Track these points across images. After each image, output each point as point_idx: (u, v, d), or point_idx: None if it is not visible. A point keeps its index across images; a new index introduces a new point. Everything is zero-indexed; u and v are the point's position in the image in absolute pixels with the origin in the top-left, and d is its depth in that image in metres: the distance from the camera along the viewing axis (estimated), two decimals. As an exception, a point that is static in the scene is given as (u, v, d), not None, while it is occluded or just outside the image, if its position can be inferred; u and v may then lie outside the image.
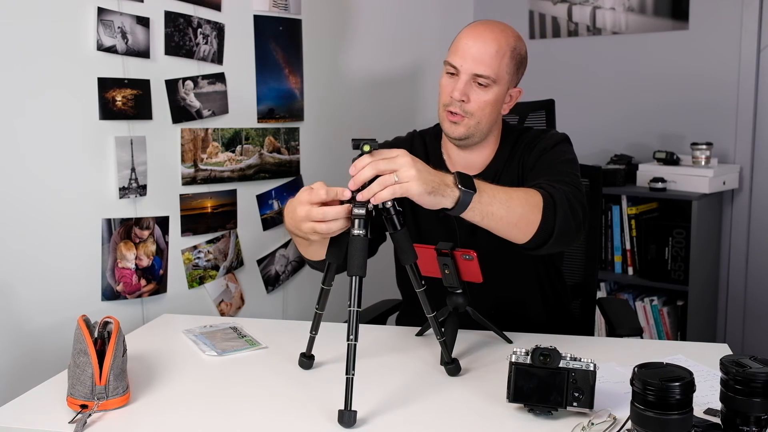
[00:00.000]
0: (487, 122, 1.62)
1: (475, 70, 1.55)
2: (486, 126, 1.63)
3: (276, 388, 1.43)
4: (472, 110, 1.58)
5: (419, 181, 1.25)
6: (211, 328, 1.76)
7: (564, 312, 1.88)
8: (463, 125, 1.60)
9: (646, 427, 1.05)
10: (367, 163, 1.26)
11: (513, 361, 1.26)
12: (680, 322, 2.85)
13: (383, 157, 1.26)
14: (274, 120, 2.34)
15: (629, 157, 2.99)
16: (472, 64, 1.55)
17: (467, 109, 1.58)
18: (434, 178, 1.29)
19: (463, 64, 1.56)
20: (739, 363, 1.08)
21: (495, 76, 1.57)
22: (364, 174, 1.25)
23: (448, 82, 1.60)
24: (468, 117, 1.59)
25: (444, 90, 1.61)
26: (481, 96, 1.57)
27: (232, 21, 2.17)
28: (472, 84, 1.57)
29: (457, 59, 1.57)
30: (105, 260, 1.90)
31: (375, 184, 1.25)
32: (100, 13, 1.82)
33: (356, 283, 1.28)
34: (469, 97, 1.57)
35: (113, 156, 1.89)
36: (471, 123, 1.60)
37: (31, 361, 1.75)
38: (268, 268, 2.39)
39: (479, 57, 1.55)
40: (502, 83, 1.59)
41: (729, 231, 2.95)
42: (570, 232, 1.45)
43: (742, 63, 2.83)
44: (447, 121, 1.62)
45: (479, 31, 1.59)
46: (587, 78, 3.16)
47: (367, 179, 1.26)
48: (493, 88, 1.58)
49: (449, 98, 1.58)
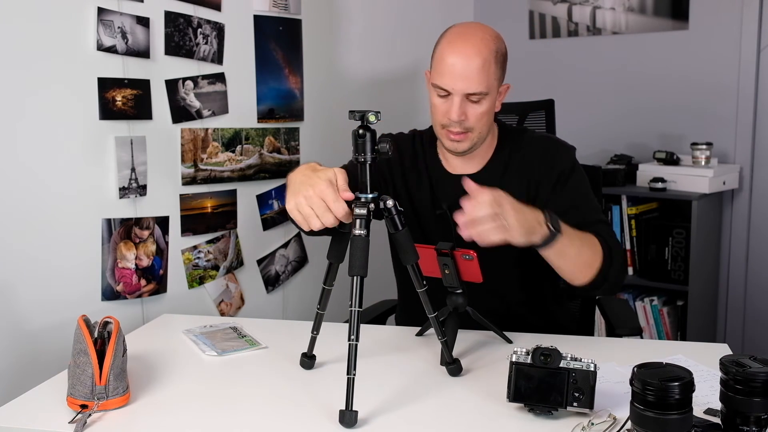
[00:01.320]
0: (487, 129, 1.64)
1: (467, 89, 1.55)
2: (486, 133, 1.65)
3: (276, 388, 1.43)
4: (471, 125, 1.59)
5: (520, 229, 1.35)
6: (211, 328, 1.76)
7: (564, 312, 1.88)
8: (466, 141, 1.61)
9: (645, 427, 1.05)
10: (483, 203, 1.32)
11: (513, 361, 1.26)
12: (680, 322, 2.85)
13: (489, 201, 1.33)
14: (274, 120, 2.34)
15: (629, 157, 2.99)
16: (462, 84, 1.54)
17: (467, 125, 1.59)
18: (530, 219, 1.39)
19: (453, 86, 1.55)
20: (738, 363, 1.08)
21: (486, 89, 1.56)
22: (480, 212, 1.32)
23: (440, 103, 1.60)
24: (470, 132, 1.60)
25: (438, 111, 1.61)
26: (477, 109, 1.58)
27: (232, 21, 2.17)
28: (466, 101, 1.57)
29: (446, 81, 1.56)
30: (105, 260, 1.90)
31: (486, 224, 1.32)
32: (100, 13, 1.82)
33: (357, 283, 1.28)
34: (467, 115, 1.58)
35: (113, 156, 1.89)
36: (473, 136, 1.61)
37: (31, 361, 1.75)
38: (268, 268, 2.39)
39: (467, 75, 1.54)
40: (494, 90, 1.60)
41: (729, 231, 2.95)
42: (619, 282, 1.58)
43: (742, 63, 2.83)
44: (448, 140, 1.62)
45: (460, 47, 1.56)
46: (587, 78, 3.16)
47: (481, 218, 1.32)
48: (486, 99, 1.58)
49: (447, 119, 1.59)
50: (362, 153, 1.33)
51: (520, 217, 1.36)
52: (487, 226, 1.32)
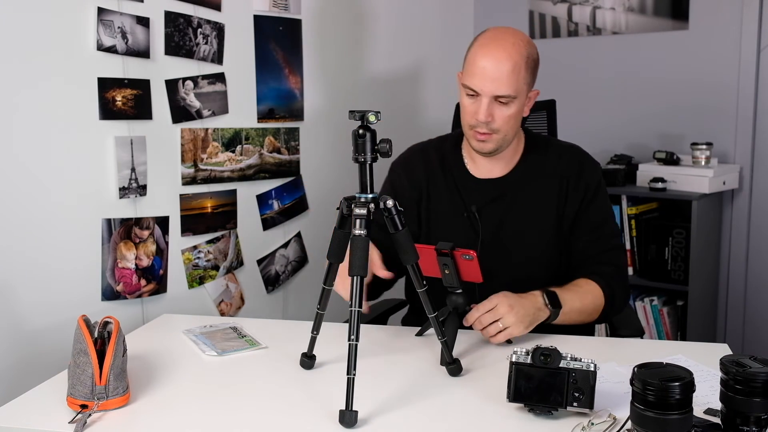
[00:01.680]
0: (513, 133, 1.69)
1: (496, 91, 1.59)
2: (512, 136, 1.69)
3: (276, 388, 1.43)
4: (498, 127, 1.63)
5: (520, 325, 1.54)
6: (211, 328, 1.76)
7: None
8: (492, 141, 1.66)
9: (646, 427, 1.05)
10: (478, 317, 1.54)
11: (513, 361, 1.26)
12: (680, 322, 2.85)
13: (487, 311, 1.53)
14: (274, 120, 2.34)
15: (629, 157, 2.99)
16: (491, 86, 1.59)
17: (493, 126, 1.63)
18: (528, 312, 1.55)
19: (483, 88, 1.59)
20: (739, 363, 1.08)
21: (515, 93, 1.60)
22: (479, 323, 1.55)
23: (469, 104, 1.64)
24: (495, 133, 1.64)
25: (467, 111, 1.65)
26: (504, 112, 1.62)
27: (232, 21, 2.17)
28: (494, 103, 1.61)
29: (476, 83, 1.60)
30: (105, 260, 1.90)
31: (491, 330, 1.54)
32: (100, 13, 1.82)
33: (357, 282, 1.28)
34: (494, 116, 1.62)
35: (113, 156, 1.89)
36: (499, 138, 1.66)
37: (31, 361, 1.75)
38: (268, 268, 2.39)
39: (497, 78, 1.58)
40: (522, 95, 1.63)
41: (729, 231, 2.95)
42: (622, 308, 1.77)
43: (742, 63, 2.83)
44: (475, 140, 1.67)
45: (492, 50, 1.60)
46: (587, 78, 3.16)
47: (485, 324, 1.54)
48: (514, 103, 1.62)
49: (474, 120, 1.63)
50: (362, 153, 1.34)
51: (520, 315, 1.53)
52: (491, 330, 1.54)
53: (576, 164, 1.75)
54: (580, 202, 1.72)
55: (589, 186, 1.73)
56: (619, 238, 1.80)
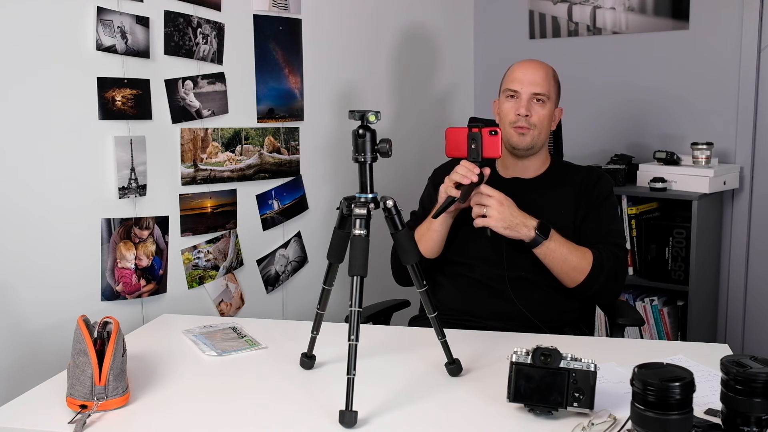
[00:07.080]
0: (546, 134, 1.95)
1: (533, 89, 1.89)
2: (545, 137, 1.95)
3: (276, 388, 1.43)
4: (535, 122, 1.89)
5: (500, 222, 1.73)
6: (210, 328, 1.76)
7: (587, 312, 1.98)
8: (529, 135, 1.90)
9: (646, 427, 1.05)
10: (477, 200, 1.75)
11: (513, 361, 1.26)
12: (680, 322, 2.84)
13: (482, 192, 1.74)
14: (274, 120, 2.34)
15: (629, 157, 2.98)
16: (529, 86, 1.89)
17: (531, 122, 1.89)
18: (514, 217, 1.74)
19: (522, 87, 1.89)
20: (739, 363, 1.08)
21: (548, 93, 1.90)
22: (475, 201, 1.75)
23: (510, 105, 1.91)
24: (532, 128, 1.90)
25: (508, 111, 1.91)
26: (540, 110, 1.90)
27: (231, 21, 2.17)
28: (532, 101, 1.89)
29: (516, 84, 1.90)
30: (105, 260, 1.90)
31: (474, 211, 1.75)
32: (99, 12, 1.82)
33: (357, 282, 1.28)
34: (531, 112, 1.88)
35: (113, 156, 1.89)
36: (535, 133, 1.90)
37: (31, 361, 1.75)
38: (268, 268, 2.39)
39: (534, 80, 1.89)
40: (553, 101, 1.93)
41: (729, 231, 2.95)
42: (610, 291, 1.88)
43: (742, 63, 2.83)
44: (515, 135, 1.90)
45: (528, 63, 1.95)
46: (587, 78, 3.16)
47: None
48: (547, 104, 1.90)
49: (515, 116, 1.89)
50: (362, 153, 1.34)
51: (504, 214, 1.73)
52: (476, 210, 1.74)
53: (594, 176, 1.97)
54: (592, 203, 1.92)
55: (601, 193, 1.94)
56: (623, 239, 1.94)
